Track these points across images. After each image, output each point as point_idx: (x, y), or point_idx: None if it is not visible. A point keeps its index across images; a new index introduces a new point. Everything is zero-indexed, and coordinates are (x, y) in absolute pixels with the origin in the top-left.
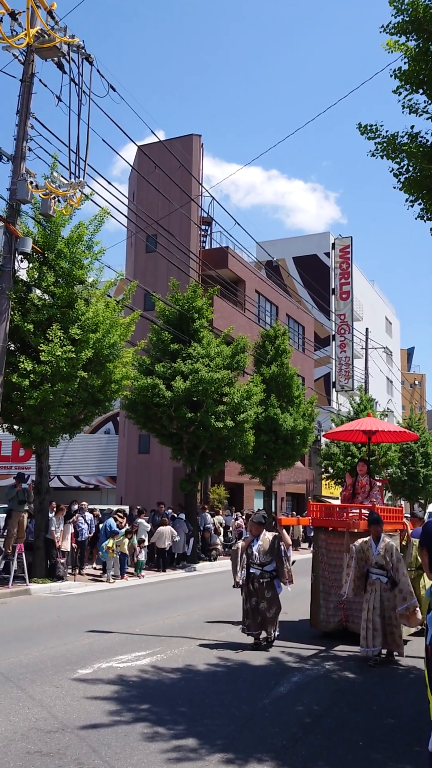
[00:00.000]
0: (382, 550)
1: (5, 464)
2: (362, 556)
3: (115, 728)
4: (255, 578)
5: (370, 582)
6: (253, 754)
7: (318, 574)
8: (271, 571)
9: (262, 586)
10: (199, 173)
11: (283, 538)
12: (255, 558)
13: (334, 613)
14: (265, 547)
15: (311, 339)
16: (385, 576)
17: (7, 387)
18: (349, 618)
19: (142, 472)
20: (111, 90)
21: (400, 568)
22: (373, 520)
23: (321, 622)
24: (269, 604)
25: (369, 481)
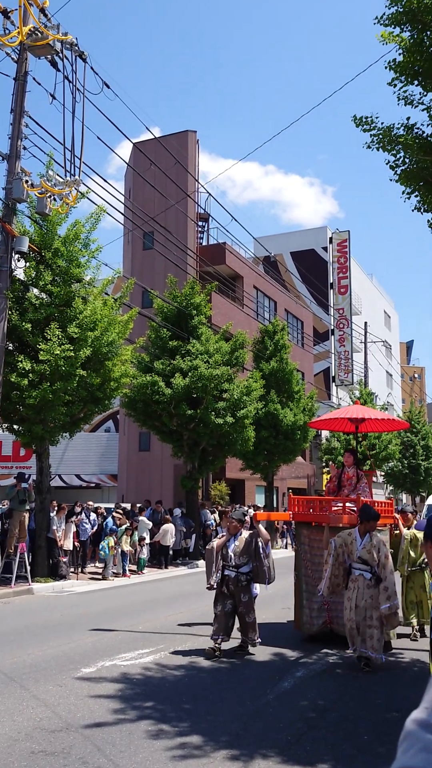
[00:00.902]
0: (369, 545)
1: (6, 464)
2: (344, 549)
3: (119, 726)
4: (230, 581)
5: (353, 578)
6: (258, 750)
7: (300, 572)
8: (248, 573)
9: (239, 590)
10: (195, 169)
11: (260, 534)
12: (230, 559)
13: (318, 614)
14: (240, 547)
15: (310, 334)
16: (369, 572)
17: (6, 386)
18: (334, 619)
19: (143, 469)
20: (105, 87)
21: (387, 565)
22: (370, 515)
23: (304, 624)
24: (247, 608)
25: (356, 472)
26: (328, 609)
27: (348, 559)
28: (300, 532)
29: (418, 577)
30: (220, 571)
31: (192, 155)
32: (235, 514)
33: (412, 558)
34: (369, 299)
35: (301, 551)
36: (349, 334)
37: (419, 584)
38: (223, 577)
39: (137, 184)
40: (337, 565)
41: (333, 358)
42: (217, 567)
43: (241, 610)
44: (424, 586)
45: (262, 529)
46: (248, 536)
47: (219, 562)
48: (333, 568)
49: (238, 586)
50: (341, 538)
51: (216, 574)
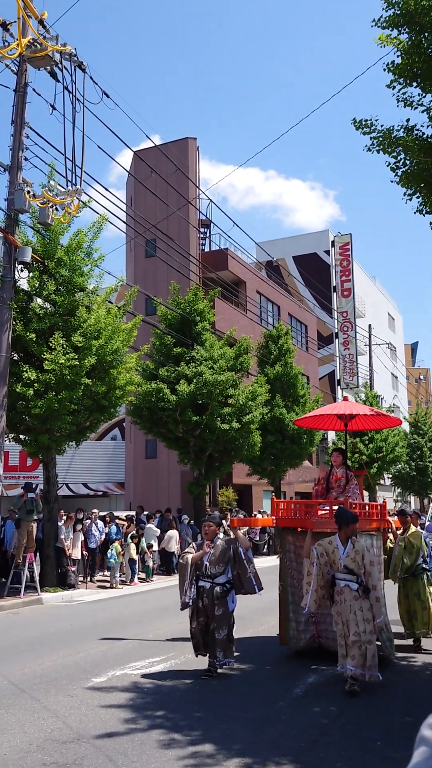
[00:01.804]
0: (352, 551)
1: (13, 474)
2: (326, 559)
3: (131, 736)
4: (204, 593)
5: (338, 590)
6: (271, 757)
7: (286, 582)
8: (224, 584)
9: (212, 602)
10: (195, 176)
11: (239, 540)
12: (205, 569)
13: (306, 628)
14: (216, 554)
15: (314, 337)
16: (356, 582)
17: (11, 397)
18: (323, 633)
19: (150, 477)
20: (105, 96)
21: (374, 572)
22: (346, 518)
23: (291, 639)
24: (219, 624)
25: (345, 473)
26: (316, 622)
27: (330, 570)
28: (285, 539)
29: (412, 585)
30: (195, 584)
31: (192, 162)
32: (212, 518)
33: (406, 565)
34: (372, 302)
35: (286, 559)
36: (354, 337)
37: (413, 592)
38: (198, 589)
39: (138, 192)
40: (322, 575)
41: (338, 361)
42: (191, 582)
43: (213, 626)
44: (419, 594)
45: (240, 535)
46: (224, 543)
47: (194, 575)
48: (317, 579)
49: (213, 599)
50: (322, 546)
51: (191, 589)
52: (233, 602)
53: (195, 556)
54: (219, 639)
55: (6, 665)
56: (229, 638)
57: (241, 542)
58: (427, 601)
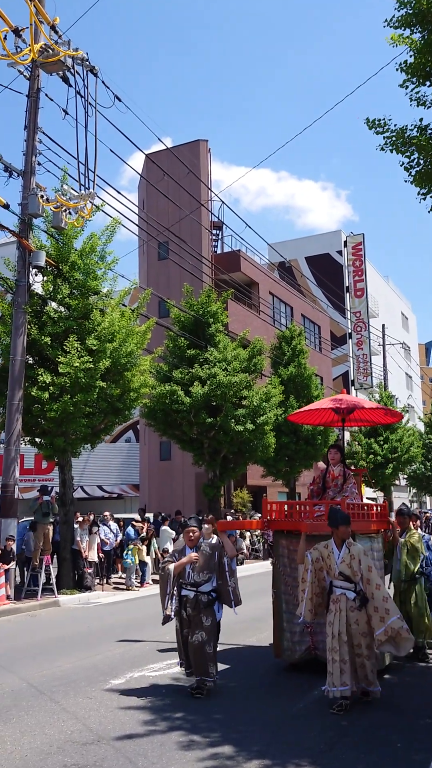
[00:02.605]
0: (347, 556)
1: (29, 477)
2: (321, 564)
3: (150, 738)
4: (188, 602)
5: (334, 599)
6: (290, 759)
7: (279, 590)
8: (209, 592)
9: (198, 613)
10: (207, 178)
11: (225, 547)
12: (188, 576)
13: (301, 639)
14: (200, 561)
15: (327, 338)
16: (353, 590)
17: (27, 400)
18: (319, 644)
19: (164, 478)
20: (116, 100)
21: (372, 579)
22: (337, 519)
23: (285, 651)
24: (209, 635)
25: (342, 471)
26: (312, 632)
27: (327, 576)
28: (278, 543)
29: (411, 591)
30: (176, 594)
31: (204, 164)
32: (194, 521)
33: (411, 570)
34: (386, 301)
35: (279, 565)
36: (367, 337)
37: (410, 598)
38: (180, 599)
39: (151, 195)
40: (317, 582)
41: (351, 361)
42: (171, 593)
43: (201, 638)
44: (417, 601)
45: (227, 541)
46: (209, 548)
47: (176, 585)
48: (312, 587)
49: (198, 609)
50: (317, 550)
51: (172, 602)
52: (220, 611)
53: (177, 565)
54: (209, 653)
55: (25, 667)
56: (216, 650)
57: (227, 548)
58: (425, 608)
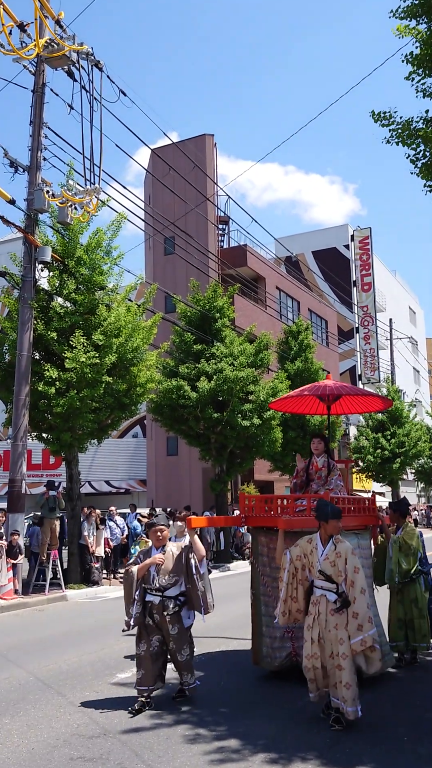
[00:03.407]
0: (333, 554)
1: (36, 472)
2: (303, 562)
3: (156, 731)
4: (154, 609)
5: (314, 600)
6: (296, 753)
7: (258, 591)
8: (177, 597)
9: (165, 620)
10: (213, 173)
11: (195, 547)
12: (152, 580)
13: (281, 644)
14: (168, 564)
15: (335, 333)
16: (334, 591)
17: (34, 396)
18: (300, 651)
19: (171, 474)
20: (122, 95)
21: (357, 581)
22: (326, 513)
23: (264, 658)
24: (178, 643)
25: (327, 462)
26: (293, 637)
27: (309, 575)
28: (257, 540)
29: (409, 590)
30: (141, 599)
31: (210, 159)
32: (162, 520)
33: (404, 569)
34: (393, 296)
35: (258, 564)
36: (374, 332)
37: (409, 598)
38: (144, 604)
39: (157, 189)
40: (296, 583)
41: (359, 356)
42: (135, 597)
43: (171, 647)
44: (417, 601)
45: (196, 541)
46: (177, 549)
47: (138, 589)
48: (289, 588)
49: (165, 615)
50: (299, 546)
51: (135, 607)
52: (190, 617)
53: (141, 567)
54: (182, 661)
55: (32, 661)
56: (191, 658)
57: (196, 550)
58: (425, 609)
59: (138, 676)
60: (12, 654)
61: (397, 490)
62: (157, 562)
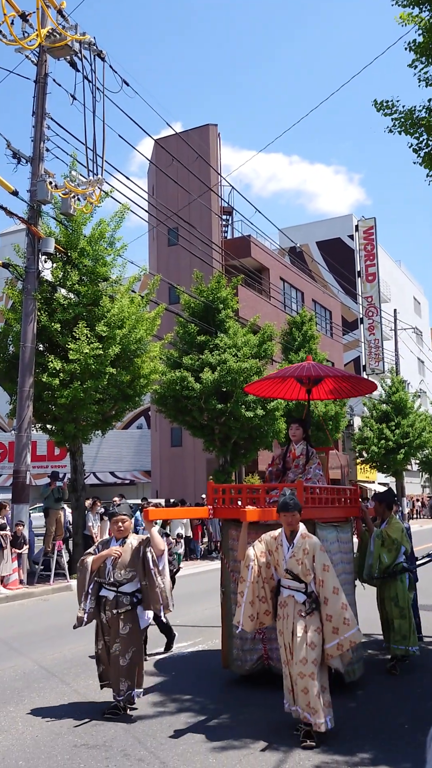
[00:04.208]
0: (299, 550)
1: (41, 463)
2: (268, 560)
3: (159, 719)
4: (107, 605)
5: (281, 601)
6: (297, 742)
7: (228, 590)
8: (133, 593)
9: (116, 618)
10: (217, 163)
11: (152, 540)
12: (107, 574)
13: (252, 647)
14: (126, 558)
15: (339, 323)
16: (303, 592)
17: (38, 387)
18: (273, 653)
19: (175, 465)
20: (124, 85)
21: (327, 580)
22: (280, 503)
23: (234, 661)
24: (124, 645)
25: (306, 450)
26: (265, 639)
27: (275, 574)
28: (227, 534)
29: (389, 588)
30: (95, 594)
31: (213, 149)
32: (124, 509)
33: (384, 564)
34: (398, 286)
35: (228, 560)
36: (379, 322)
37: (389, 596)
38: (98, 600)
39: (160, 180)
40: (261, 582)
41: (363, 347)
42: (87, 591)
43: (115, 649)
44: (397, 599)
45: (154, 534)
46: (136, 543)
47: (92, 583)
48: (255, 587)
49: (117, 613)
50: (263, 542)
51: (87, 601)
52: (144, 618)
53: (95, 558)
54: (123, 666)
55: (37, 650)
56: (135, 662)
57: (154, 544)
58: (407, 609)
59: (99, 671)
60: (17, 643)
61: (402, 480)
62: (114, 554)
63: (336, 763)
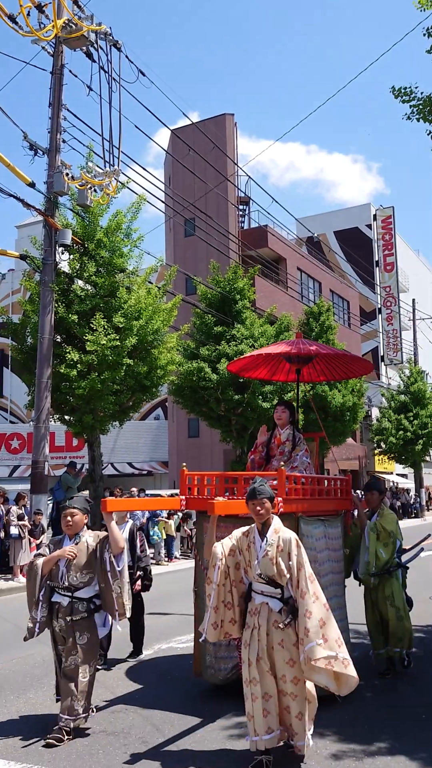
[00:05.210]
0: (273, 548)
1: (60, 454)
2: (238, 560)
3: (177, 707)
4: (60, 611)
5: (252, 609)
6: (315, 729)
7: (201, 590)
8: (90, 599)
9: (70, 626)
10: (234, 153)
11: (111, 537)
12: (61, 577)
13: (227, 654)
14: (81, 558)
15: (356, 313)
16: (278, 598)
17: (56, 378)
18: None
19: (192, 455)
20: (141, 75)
21: (302, 582)
22: (253, 491)
23: (207, 669)
24: (85, 656)
25: (292, 435)
26: (240, 646)
27: (245, 577)
28: (201, 528)
29: (384, 587)
30: (47, 600)
31: (230, 139)
32: (77, 502)
33: (382, 560)
34: (416, 275)
35: (202, 558)
36: (397, 312)
37: (384, 596)
38: (51, 606)
39: (176, 170)
40: (229, 585)
41: (381, 337)
42: (38, 597)
43: (70, 663)
44: (393, 599)
45: (113, 529)
46: (92, 541)
47: (43, 587)
48: (221, 591)
49: (71, 621)
50: (234, 539)
51: (38, 608)
52: (105, 625)
53: (46, 560)
54: (81, 682)
55: None
56: (93, 679)
57: (113, 541)
58: (403, 609)
59: (57, 688)
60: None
61: (420, 472)
62: (67, 555)
63: (353, 752)
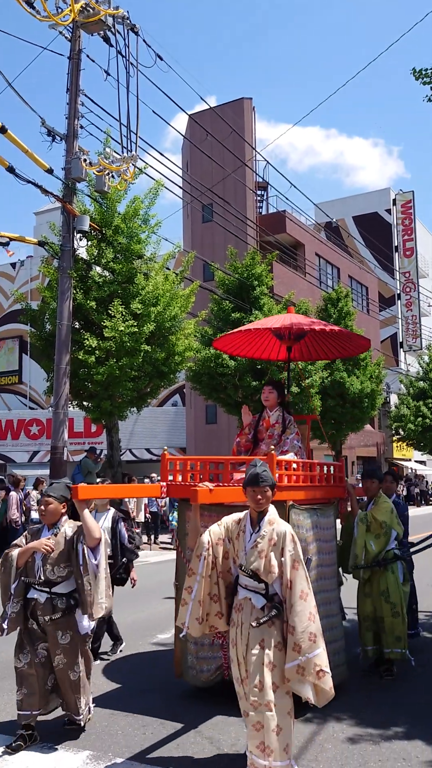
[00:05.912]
0: (264, 540)
1: (78, 440)
2: (227, 548)
3: (194, 690)
4: (38, 609)
5: (237, 604)
6: (331, 713)
7: (182, 584)
8: (70, 594)
9: (54, 625)
10: (252, 137)
11: (85, 527)
12: (37, 571)
13: (210, 654)
14: (58, 551)
15: (375, 299)
16: (262, 594)
17: (74, 364)
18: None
19: (210, 442)
20: (158, 59)
21: (296, 580)
22: (255, 476)
23: (188, 670)
24: (69, 656)
25: (282, 417)
26: (224, 645)
27: (234, 567)
28: (183, 517)
29: (378, 581)
30: (20, 595)
31: (248, 123)
32: (54, 490)
33: (372, 553)
34: None
35: (183, 549)
36: (416, 298)
37: (379, 591)
38: (27, 602)
39: (194, 156)
40: (215, 576)
41: (400, 323)
42: (11, 592)
43: (57, 662)
44: (387, 594)
45: (87, 519)
46: (70, 532)
47: (18, 581)
48: (207, 583)
49: (50, 620)
50: (223, 526)
51: (11, 603)
52: (84, 624)
53: (22, 552)
54: (73, 680)
55: None
56: (89, 672)
57: (87, 531)
58: (400, 606)
59: (19, 697)
60: None
61: None
62: (43, 548)
63: (369, 735)
